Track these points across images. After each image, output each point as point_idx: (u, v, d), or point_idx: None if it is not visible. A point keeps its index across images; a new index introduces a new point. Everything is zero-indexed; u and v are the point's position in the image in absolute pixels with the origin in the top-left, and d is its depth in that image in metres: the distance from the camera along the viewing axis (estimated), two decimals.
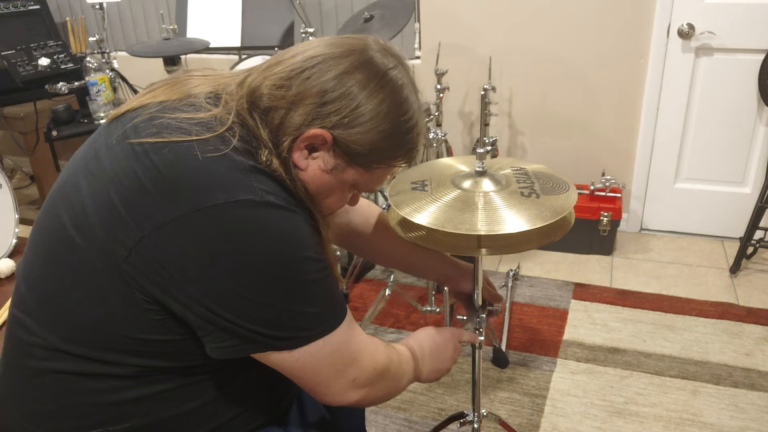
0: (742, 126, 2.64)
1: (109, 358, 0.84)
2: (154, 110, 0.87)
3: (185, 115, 0.85)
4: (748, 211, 2.59)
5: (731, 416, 1.85)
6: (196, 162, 0.79)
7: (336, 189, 0.92)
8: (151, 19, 3.44)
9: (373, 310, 2.25)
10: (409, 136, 0.91)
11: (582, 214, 2.69)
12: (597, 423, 1.84)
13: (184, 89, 0.91)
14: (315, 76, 0.85)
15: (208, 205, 0.76)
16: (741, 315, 2.30)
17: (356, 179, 0.92)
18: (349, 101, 0.84)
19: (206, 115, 0.85)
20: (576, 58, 2.72)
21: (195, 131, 0.82)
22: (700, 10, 2.50)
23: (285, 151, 0.86)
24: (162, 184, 0.78)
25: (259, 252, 0.78)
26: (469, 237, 1.16)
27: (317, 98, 0.84)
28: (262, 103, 0.86)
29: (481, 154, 1.20)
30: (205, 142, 0.81)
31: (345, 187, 0.93)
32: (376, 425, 1.86)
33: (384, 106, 0.86)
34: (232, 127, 0.84)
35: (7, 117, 2.92)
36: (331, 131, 0.85)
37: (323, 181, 0.90)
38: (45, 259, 0.86)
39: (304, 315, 0.83)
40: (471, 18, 2.80)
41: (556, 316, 2.34)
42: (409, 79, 0.92)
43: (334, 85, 0.84)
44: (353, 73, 0.85)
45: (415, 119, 0.91)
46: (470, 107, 2.97)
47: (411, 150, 0.93)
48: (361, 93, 0.85)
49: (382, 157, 0.90)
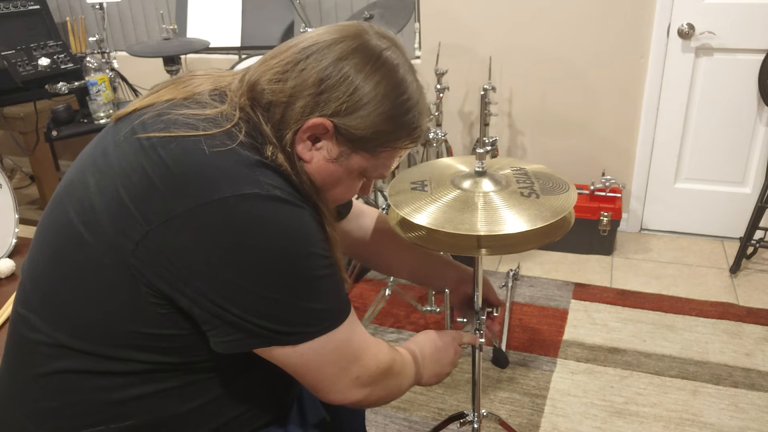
0: (742, 126, 2.63)
1: (115, 354, 0.84)
2: (162, 107, 0.87)
3: (192, 112, 0.85)
4: (748, 211, 2.59)
5: (731, 416, 1.85)
6: (203, 156, 0.79)
7: (344, 178, 0.92)
8: (151, 19, 3.44)
9: (373, 310, 2.25)
10: (411, 116, 0.90)
11: (582, 214, 2.69)
12: (597, 423, 1.84)
13: (188, 88, 0.91)
14: (311, 66, 0.85)
15: (215, 198, 0.77)
16: (741, 315, 2.30)
17: (363, 165, 0.91)
18: (346, 87, 0.84)
19: (212, 111, 0.86)
20: (576, 58, 2.72)
21: (202, 127, 0.83)
22: (700, 10, 2.50)
23: (288, 144, 0.86)
24: (169, 179, 0.78)
25: (265, 247, 0.78)
26: (469, 237, 1.16)
27: (315, 87, 0.84)
28: (263, 99, 0.86)
29: (481, 154, 1.20)
30: (212, 137, 0.82)
31: (353, 175, 0.93)
32: (376, 425, 1.86)
33: (381, 88, 0.86)
34: (238, 123, 0.85)
35: (7, 117, 2.92)
36: (331, 119, 0.85)
37: (329, 171, 0.90)
38: (51, 256, 0.86)
39: (309, 311, 0.83)
40: (471, 18, 2.80)
41: (556, 316, 2.34)
42: (405, 60, 0.91)
43: (331, 72, 0.84)
44: (348, 58, 0.85)
45: (415, 98, 0.90)
46: (470, 107, 2.97)
47: (414, 130, 0.92)
48: (357, 77, 0.84)
49: (386, 139, 0.89)
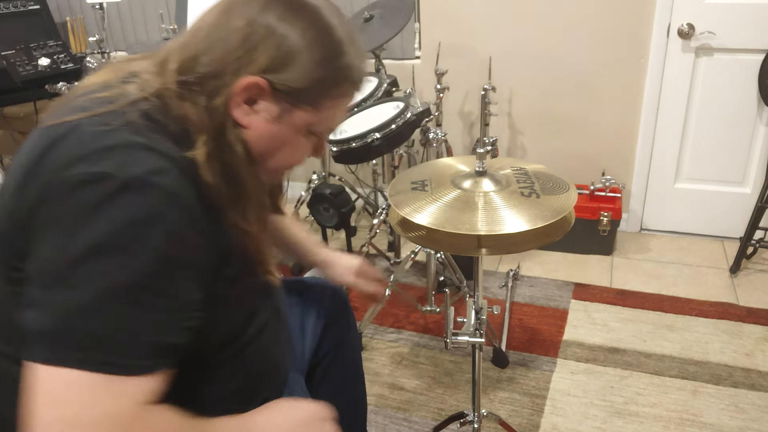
0: (742, 126, 2.64)
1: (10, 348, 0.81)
2: (78, 93, 0.84)
3: (96, 95, 0.81)
4: (748, 211, 2.59)
5: (731, 416, 1.85)
6: (75, 137, 0.75)
7: (290, 138, 0.88)
8: (151, 19, 3.44)
9: (373, 310, 2.25)
10: (344, 60, 0.85)
11: (582, 214, 2.69)
12: (597, 423, 1.84)
13: (124, 68, 0.88)
14: (232, 26, 0.81)
15: (66, 175, 0.72)
16: (741, 315, 2.30)
17: (308, 120, 0.87)
18: (272, 40, 0.80)
19: (113, 93, 0.81)
20: (576, 58, 2.72)
21: (93, 107, 0.78)
22: (700, 10, 2.50)
23: (221, 111, 0.81)
24: (39, 163, 0.75)
25: (103, 232, 0.71)
26: (469, 237, 1.16)
27: (240, 49, 0.80)
28: (192, 73, 0.82)
29: (481, 154, 1.20)
30: (97, 117, 0.77)
31: (299, 133, 0.88)
32: (376, 425, 1.86)
33: (309, 35, 0.82)
34: (136, 102, 0.80)
35: (6, 117, 2.92)
36: (263, 76, 0.81)
37: (272, 133, 0.85)
38: None
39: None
40: (471, 18, 2.80)
41: (556, 316, 2.34)
42: (326, 2, 0.86)
43: (252, 29, 0.80)
44: (266, 11, 0.81)
45: (345, 39, 0.85)
46: (470, 107, 2.97)
47: (351, 74, 0.87)
48: (280, 27, 0.80)
49: (325, 88, 0.85)
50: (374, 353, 2.18)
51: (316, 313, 1.30)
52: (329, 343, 1.31)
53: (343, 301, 1.36)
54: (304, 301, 1.31)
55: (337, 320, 1.33)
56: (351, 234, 2.65)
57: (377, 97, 2.22)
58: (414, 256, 2.29)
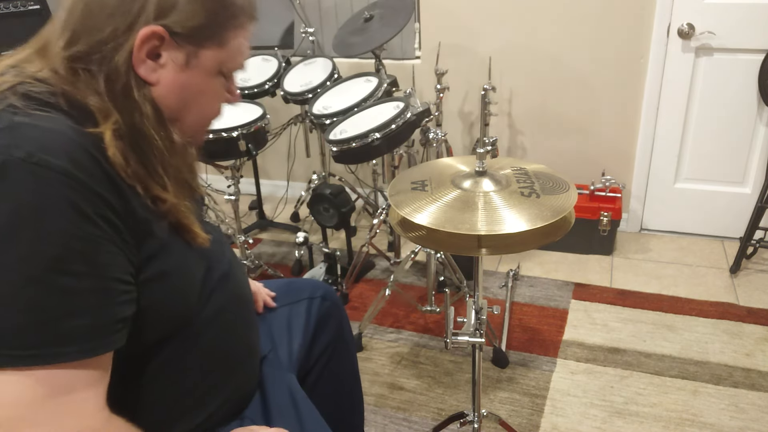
0: (742, 126, 2.64)
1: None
2: None
3: None
4: (748, 211, 2.59)
5: (731, 416, 1.85)
6: None
7: (202, 84, 0.86)
8: None
9: (373, 310, 2.25)
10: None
11: (582, 214, 2.69)
12: (597, 423, 1.84)
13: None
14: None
15: None
16: (741, 315, 2.30)
17: (217, 59, 0.85)
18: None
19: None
20: (576, 58, 2.72)
21: None
22: (700, 10, 2.50)
23: (123, 71, 0.78)
24: None
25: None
26: (469, 237, 1.16)
27: (124, 4, 0.77)
28: (82, 43, 0.79)
29: (481, 154, 1.20)
30: None
31: (212, 76, 0.86)
32: (375, 425, 1.86)
33: None
34: (13, 86, 0.76)
35: None
36: (158, 23, 0.78)
37: (183, 82, 0.83)
38: None
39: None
40: (471, 18, 2.80)
41: (556, 316, 2.34)
42: None
43: None
44: None
45: None
46: (470, 107, 2.97)
47: (240, 1, 0.85)
48: None
49: (223, 20, 0.84)
50: (374, 353, 2.18)
51: (306, 313, 1.29)
52: (322, 344, 1.31)
53: (334, 301, 1.35)
54: (291, 302, 1.31)
55: (328, 321, 1.32)
56: (351, 234, 2.65)
57: (377, 97, 2.23)
58: (414, 256, 2.29)
